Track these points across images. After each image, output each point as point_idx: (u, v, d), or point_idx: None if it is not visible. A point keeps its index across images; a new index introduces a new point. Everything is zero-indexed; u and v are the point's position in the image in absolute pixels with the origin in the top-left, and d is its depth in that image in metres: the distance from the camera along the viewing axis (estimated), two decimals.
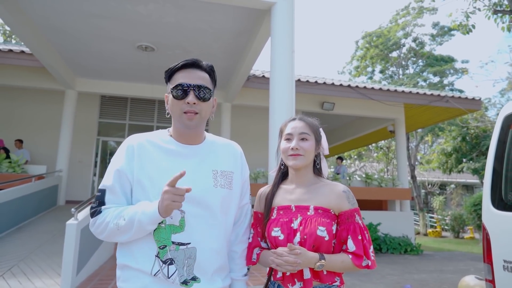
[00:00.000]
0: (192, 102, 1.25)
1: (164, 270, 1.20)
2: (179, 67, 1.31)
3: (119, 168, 1.25)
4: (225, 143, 1.45)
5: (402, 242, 9.28)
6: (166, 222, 1.21)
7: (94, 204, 1.26)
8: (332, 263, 1.32)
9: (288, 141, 1.46)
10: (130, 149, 1.28)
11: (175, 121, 1.32)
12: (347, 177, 9.97)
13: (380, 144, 22.15)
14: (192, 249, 1.22)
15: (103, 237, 1.24)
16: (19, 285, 4.10)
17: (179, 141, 1.32)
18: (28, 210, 7.26)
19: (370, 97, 9.75)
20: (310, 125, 1.49)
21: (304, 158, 1.44)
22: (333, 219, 1.38)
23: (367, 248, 1.35)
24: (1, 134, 9.68)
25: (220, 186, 1.32)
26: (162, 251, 1.20)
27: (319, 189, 1.45)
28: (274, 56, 5.39)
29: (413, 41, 22.38)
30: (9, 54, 7.93)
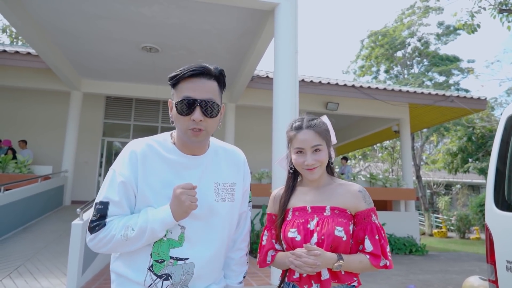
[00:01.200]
0: (198, 120, 1.15)
1: (158, 284, 1.16)
2: (186, 76, 1.18)
3: (124, 180, 1.18)
4: (228, 150, 1.38)
5: (407, 242, 9.24)
6: (166, 236, 1.18)
7: (94, 218, 1.17)
8: (350, 264, 1.30)
9: (300, 154, 1.41)
10: (133, 157, 1.20)
11: (180, 134, 1.24)
12: (352, 177, 9.95)
13: (385, 144, 22.07)
14: (190, 265, 1.19)
15: (106, 250, 1.17)
16: (26, 285, 4.15)
17: (182, 151, 1.25)
18: (34, 210, 7.33)
19: (375, 97, 9.72)
20: (319, 133, 1.41)
21: (321, 169, 1.42)
22: (350, 219, 1.37)
23: (384, 248, 1.34)
24: (8, 134, 9.79)
25: (221, 200, 1.28)
26: (159, 265, 1.17)
27: (335, 190, 1.43)
28: (278, 56, 5.40)
29: (418, 41, 22.26)
30: (15, 56, 8.02)
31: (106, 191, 1.18)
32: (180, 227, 1.19)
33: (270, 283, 4.64)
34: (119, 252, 1.23)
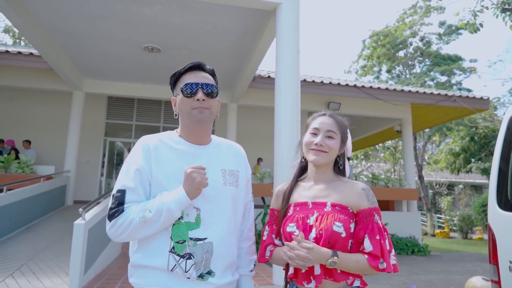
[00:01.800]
0: (201, 99, 1.31)
1: (182, 264, 1.23)
2: (186, 69, 1.37)
3: (139, 168, 1.27)
4: (229, 144, 1.50)
5: (409, 242, 9.22)
6: (183, 219, 1.25)
7: (113, 205, 1.24)
8: (346, 262, 1.26)
9: (313, 135, 1.42)
10: (146, 149, 1.31)
11: (185, 119, 1.36)
12: (353, 177, 9.93)
13: (387, 144, 22.02)
14: (209, 244, 1.27)
15: (125, 235, 1.23)
16: (28, 284, 4.17)
17: (188, 141, 1.37)
18: (37, 210, 7.35)
19: (377, 97, 9.70)
20: (339, 124, 1.45)
21: (327, 156, 1.40)
22: (351, 217, 1.33)
23: (384, 249, 1.28)
24: (10, 134, 9.82)
25: (229, 184, 1.38)
26: (180, 245, 1.24)
27: (338, 187, 1.41)
28: (280, 56, 5.39)
29: (420, 40, 22.21)
30: (18, 56, 8.05)
31: (123, 180, 1.27)
32: (196, 209, 1.27)
33: (272, 283, 4.64)
34: (138, 239, 1.29)
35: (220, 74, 9.25)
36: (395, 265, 1.29)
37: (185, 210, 1.25)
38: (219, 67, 8.61)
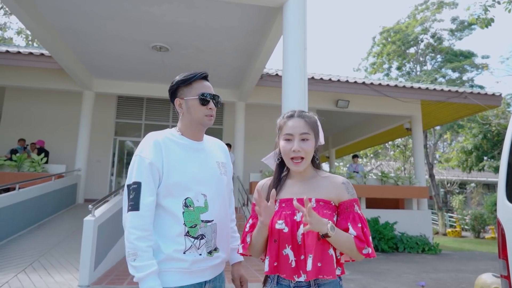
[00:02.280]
0: (212, 108, 1.57)
1: (196, 244, 1.44)
2: (199, 78, 1.56)
3: (151, 162, 1.42)
4: (215, 141, 1.75)
5: (420, 241, 9.11)
6: (194, 205, 1.45)
7: (132, 195, 1.38)
8: (340, 234, 1.33)
9: (288, 141, 1.46)
10: (157, 144, 1.46)
11: (193, 122, 1.56)
12: (363, 176, 9.86)
13: (397, 142, 21.80)
14: (214, 225, 1.49)
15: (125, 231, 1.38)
16: (40, 279, 4.24)
17: (189, 138, 1.57)
18: (48, 208, 7.48)
19: (386, 94, 9.61)
20: (310, 123, 1.48)
21: (306, 161, 1.45)
22: (334, 211, 1.41)
23: (367, 236, 1.37)
24: (22, 134, 10.02)
25: (223, 174, 1.63)
26: (193, 229, 1.44)
27: (320, 182, 1.47)
28: (287, 53, 5.38)
29: (431, 37, 21.90)
30: (29, 57, 8.19)
31: (137, 173, 1.41)
32: (203, 195, 1.48)
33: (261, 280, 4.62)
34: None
35: (227, 73, 9.34)
36: (373, 250, 1.39)
37: (195, 197, 1.45)
38: (227, 65, 8.63)
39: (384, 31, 22.46)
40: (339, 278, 1.44)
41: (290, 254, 1.37)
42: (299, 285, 1.39)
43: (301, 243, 1.36)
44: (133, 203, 1.37)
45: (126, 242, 1.36)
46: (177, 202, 1.43)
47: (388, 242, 8.78)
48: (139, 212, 1.36)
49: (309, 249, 1.34)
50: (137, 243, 1.34)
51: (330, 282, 1.39)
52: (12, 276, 4.28)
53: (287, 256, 1.37)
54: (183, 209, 1.43)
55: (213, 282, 1.52)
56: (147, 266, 1.34)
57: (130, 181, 1.41)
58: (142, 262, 1.34)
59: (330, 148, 16.92)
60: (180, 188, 1.44)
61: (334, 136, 16.57)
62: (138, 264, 1.33)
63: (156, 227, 1.43)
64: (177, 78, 1.58)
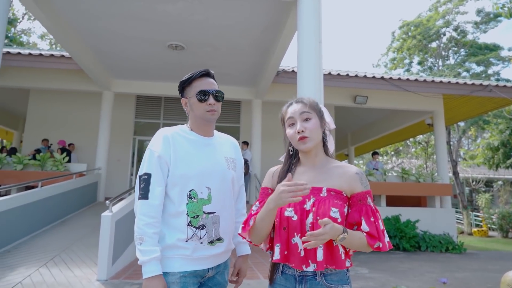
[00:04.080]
0: (213, 103, 1.60)
1: (198, 233, 1.52)
2: (198, 76, 1.62)
3: (160, 155, 1.52)
4: (226, 137, 1.80)
5: (443, 240, 8.83)
6: (198, 197, 1.53)
7: (142, 185, 1.49)
8: (352, 238, 1.29)
9: (292, 126, 1.45)
10: (166, 139, 1.55)
11: (197, 118, 1.63)
12: (383, 173, 9.64)
13: (418, 138, 21.23)
14: (216, 216, 1.56)
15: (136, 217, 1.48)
16: (60, 274, 4.34)
17: (198, 133, 1.64)
18: (70, 205, 7.67)
19: (406, 88, 9.36)
20: (308, 104, 1.48)
21: (312, 139, 1.42)
22: (345, 201, 1.37)
23: (379, 230, 1.33)
24: (45, 134, 10.34)
25: (231, 169, 1.67)
26: (195, 219, 1.52)
27: (332, 171, 1.43)
28: (301, 46, 5.29)
29: (454, 30, 21.20)
30: (50, 59, 8.43)
31: (147, 165, 1.52)
32: (207, 188, 1.55)
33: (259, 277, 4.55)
34: None
35: (243, 70, 9.31)
36: (389, 241, 1.35)
37: (199, 189, 1.53)
38: (242, 62, 8.61)
39: (404, 25, 21.91)
40: (347, 270, 1.40)
41: (299, 243, 1.33)
42: (304, 275, 1.36)
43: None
44: (143, 192, 1.48)
45: (135, 227, 1.47)
46: (182, 193, 1.52)
47: (409, 240, 8.55)
48: (148, 201, 1.47)
49: None
50: (145, 228, 1.45)
51: (337, 272, 1.36)
52: (34, 270, 4.40)
53: (296, 245, 1.34)
54: (187, 200, 1.51)
55: (216, 269, 1.61)
56: (150, 251, 1.43)
57: (142, 172, 1.52)
58: (146, 247, 1.44)
59: (349, 146, 16.67)
60: (185, 180, 1.52)
61: (353, 134, 16.31)
62: (143, 248, 1.43)
63: (163, 216, 1.53)
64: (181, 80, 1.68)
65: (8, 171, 8.39)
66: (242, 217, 1.79)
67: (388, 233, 8.53)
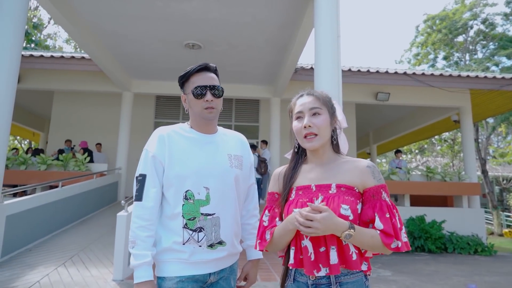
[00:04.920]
0: (210, 100, 1.50)
1: (195, 236, 1.43)
2: (195, 71, 1.54)
3: (154, 155, 1.46)
4: (233, 133, 1.70)
5: (472, 241, 8.42)
6: (195, 198, 1.44)
7: (137, 186, 1.45)
8: (362, 236, 1.17)
9: (300, 119, 1.35)
10: (161, 138, 1.49)
11: (196, 115, 1.55)
12: (406, 171, 9.30)
13: (444, 136, 20.48)
14: (216, 218, 1.46)
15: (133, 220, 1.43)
16: (77, 273, 4.36)
17: (199, 131, 1.56)
18: (90, 204, 7.79)
19: (430, 84, 8.99)
20: (321, 98, 1.36)
21: (320, 138, 1.31)
22: (358, 198, 1.26)
23: (396, 228, 1.19)
24: (68, 135, 10.58)
25: (235, 167, 1.55)
26: (192, 222, 1.43)
27: (341, 166, 1.32)
28: (319, 41, 5.12)
29: (482, 23, 20.30)
30: (71, 61, 8.61)
31: (143, 166, 1.47)
32: (206, 188, 1.45)
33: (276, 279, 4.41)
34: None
35: (261, 68, 9.19)
36: (407, 242, 1.21)
37: (196, 190, 1.44)
38: (260, 60, 8.50)
39: (428, 19, 21.16)
40: (365, 278, 1.27)
41: (308, 245, 1.23)
42: (318, 283, 1.24)
43: None
44: (138, 194, 1.44)
45: (130, 229, 1.43)
46: (177, 194, 1.44)
47: (435, 242, 8.20)
48: (142, 203, 1.42)
49: (331, 240, 1.20)
50: (137, 231, 1.40)
51: (354, 281, 1.23)
52: (52, 270, 4.44)
53: (306, 248, 1.23)
54: (183, 202, 1.44)
55: (219, 274, 1.51)
56: (142, 255, 1.38)
57: (137, 173, 1.48)
58: (138, 250, 1.39)
59: (371, 144, 16.27)
60: (181, 180, 1.45)
61: (375, 132, 15.90)
62: (135, 252, 1.39)
63: (160, 217, 1.48)
64: None
65: (32, 171, 8.62)
66: (253, 218, 1.70)
67: (413, 234, 8.22)
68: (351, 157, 1.39)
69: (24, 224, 5.43)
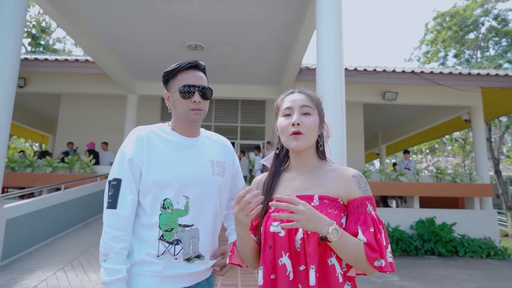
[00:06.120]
0: (198, 101, 1.40)
1: (171, 249, 1.31)
2: (184, 68, 1.43)
3: (131, 158, 1.34)
4: (217, 137, 1.59)
5: (484, 244, 8.16)
6: (173, 207, 1.32)
7: (111, 192, 1.32)
8: (347, 240, 1.06)
9: (288, 117, 1.23)
10: (139, 139, 1.36)
11: (180, 116, 1.43)
12: (415, 173, 9.08)
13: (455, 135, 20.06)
14: (195, 230, 1.35)
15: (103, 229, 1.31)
16: (75, 278, 4.31)
17: (180, 133, 1.44)
18: (94, 207, 7.77)
19: (439, 82, 8.76)
20: (313, 98, 1.27)
21: (307, 138, 1.20)
22: (342, 210, 1.14)
23: (381, 244, 1.07)
24: (75, 137, 10.63)
25: (217, 174, 1.44)
26: (168, 233, 1.32)
27: (325, 175, 1.20)
28: (321, 39, 4.99)
29: (494, 19, 19.83)
30: (75, 64, 8.63)
31: (118, 170, 1.34)
32: (185, 197, 1.34)
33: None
34: None
35: (266, 69, 9.07)
36: (392, 263, 1.08)
37: (175, 198, 1.32)
38: (264, 61, 8.40)
39: (438, 16, 20.77)
40: None
41: (287, 263, 1.11)
42: None
43: (300, 249, 1.09)
44: (111, 200, 1.30)
45: (101, 241, 1.30)
46: (155, 202, 1.33)
47: (446, 245, 7.97)
48: (116, 211, 1.29)
49: (311, 258, 1.07)
50: (111, 243, 1.27)
51: None
52: (51, 274, 4.40)
53: (284, 267, 1.11)
54: (160, 211, 1.32)
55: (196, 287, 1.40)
56: (115, 270, 1.25)
57: (111, 177, 1.34)
58: (111, 264, 1.26)
59: (380, 145, 16.00)
60: (159, 187, 1.33)
61: (383, 132, 15.65)
62: (107, 266, 1.26)
63: (134, 226, 1.36)
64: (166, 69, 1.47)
65: (38, 173, 8.66)
66: None
67: (422, 237, 8.01)
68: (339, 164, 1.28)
69: (24, 227, 5.42)
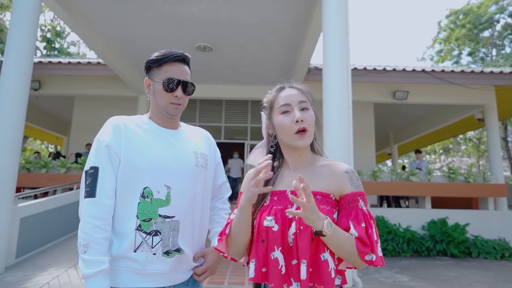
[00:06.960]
0: (180, 96, 1.39)
1: (148, 240, 1.26)
2: (171, 60, 1.39)
3: (108, 144, 1.29)
4: (198, 130, 1.57)
5: (498, 245, 7.99)
6: (153, 197, 1.27)
7: (88, 181, 1.26)
8: (339, 234, 1.08)
9: (287, 114, 1.21)
10: (117, 127, 1.33)
11: (158, 108, 1.41)
12: (426, 173, 8.96)
13: (469, 135, 19.69)
14: (176, 222, 1.30)
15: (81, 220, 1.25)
16: (77, 280, 4.40)
17: (159, 125, 1.42)
18: None
19: (450, 81, 8.63)
20: (306, 92, 1.27)
21: (311, 134, 1.22)
22: (334, 206, 1.17)
23: (372, 239, 1.10)
24: (88, 139, 10.83)
25: (201, 166, 1.42)
26: (146, 223, 1.26)
27: (318, 171, 1.22)
28: (327, 38, 4.98)
29: (509, 16, 19.43)
30: (88, 66, 8.81)
31: (94, 158, 1.29)
32: (167, 187, 1.29)
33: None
34: None
35: (274, 70, 9.09)
36: (381, 257, 1.11)
37: (155, 187, 1.27)
38: (272, 61, 8.42)
39: (451, 13, 20.47)
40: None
41: (279, 258, 1.13)
42: None
43: (293, 244, 1.12)
44: (89, 189, 1.24)
45: (79, 231, 1.23)
46: (133, 190, 1.27)
47: (458, 246, 7.84)
48: (95, 199, 1.23)
49: (303, 253, 1.10)
50: (91, 233, 1.20)
51: None
52: (63, 271, 4.52)
53: (276, 261, 1.13)
54: (139, 200, 1.27)
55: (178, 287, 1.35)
56: (97, 262, 1.19)
57: (88, 166, 1.29)
58: (92, 255, 1.19)
59: (392, 145, 15.82)
60: (138, 174, 1.28)
61: (395, 132, 15.47)
62: (87, 258, 1.19)
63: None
64: (151, 56, 1.43)
65: (52, 174, 8.86)
66: (222, 210, 1.58)
67: (434, 238, 7.90)
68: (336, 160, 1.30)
69: (38, 226, 5.56)
